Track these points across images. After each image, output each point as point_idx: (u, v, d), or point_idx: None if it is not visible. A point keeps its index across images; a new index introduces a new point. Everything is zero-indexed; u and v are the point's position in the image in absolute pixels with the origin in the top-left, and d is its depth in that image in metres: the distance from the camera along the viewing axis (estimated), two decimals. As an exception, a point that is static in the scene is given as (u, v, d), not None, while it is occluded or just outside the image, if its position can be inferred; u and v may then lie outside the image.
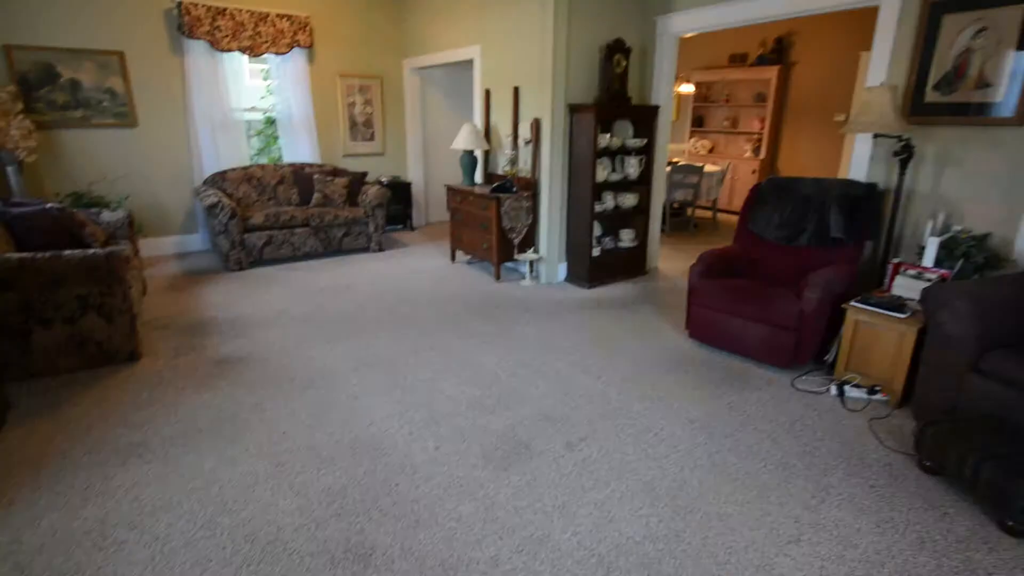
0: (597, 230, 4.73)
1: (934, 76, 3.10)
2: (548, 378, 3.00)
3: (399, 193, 6.48)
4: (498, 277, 4.76)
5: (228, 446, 2.36)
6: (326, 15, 5.88)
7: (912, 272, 2.90)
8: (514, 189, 4.55)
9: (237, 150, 5.62)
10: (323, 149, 6.17)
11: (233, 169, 5.42)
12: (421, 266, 5.20)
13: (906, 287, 2.88)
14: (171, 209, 5.49)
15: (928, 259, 2.90)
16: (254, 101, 6.18)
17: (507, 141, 4.91)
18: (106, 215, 4.01)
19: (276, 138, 6.18)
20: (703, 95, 8.46)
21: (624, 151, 4.63)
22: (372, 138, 6.50)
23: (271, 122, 6.24)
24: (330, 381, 2.95)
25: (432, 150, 6.89)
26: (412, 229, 6.77)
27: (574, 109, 4.34)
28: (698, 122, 8.64)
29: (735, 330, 3.19)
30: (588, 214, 4.39)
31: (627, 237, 4.83)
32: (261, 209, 5.24)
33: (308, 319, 3.83)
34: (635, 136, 4.65)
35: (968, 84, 2.98)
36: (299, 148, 5.96)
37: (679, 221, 7.22)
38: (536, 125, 4.47)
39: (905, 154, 3.05)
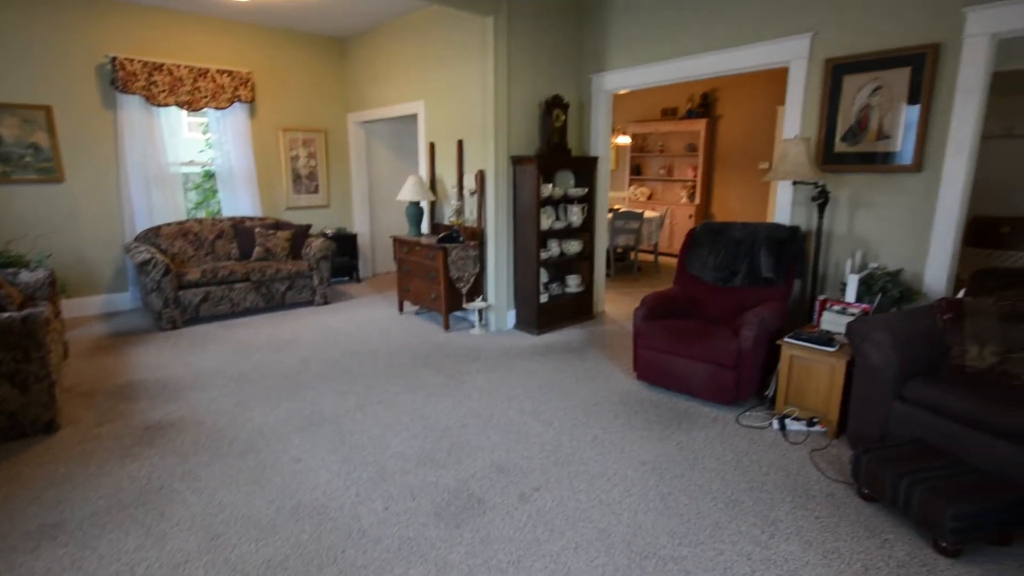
0: (544, 277, 4.82)
1: (841, 129, 3.41)
2: (500, 427, 2.97)
3: (345, 245, 6.42)
4: (447, 327, 4.73)
5: (156, 521, 2.18)
6: (269, 70, 5.91)
7: (837, 308, 3.09)
8: (461, 239, 4.60)
9: (173, 204, 5.45)
10: (265, 202, 6.08)
11: (168, 224, 5.23)
12: (368, 318, 5.11)
13: (833, 322, 3.05)
14: (99, 267, 5.21)
15: (850, 295, 3.10)
16: (192, 155, 6.07)
17: (453, 192, 4.99)
18: (24, 275, 3.76)
19: (215, 192, 6.04)
20: (639, 145, 8.93)
21: (567, 200, 4.78)
22: (316, 191, 6.46)
23: (210, 176, 6.12)
24: (271, 443, 2.80)
25: (378, 201, 6.91)
26: (359, 281, 6.67)
27: (517, 161, 4.48)
28: (636, 170, 9.07)
29: (680, 370, 3.27)
30: (534, 261, 4.47)
31: (573, 282, 4.93)
32: (198, 265, 5.05)
33: (247, 378, 3.66)
34: (577, 185, 4.83)
35: (870, 136, 3.29)
36: (239, 202, 5.84)
37: (623, 265, 7.45)
38: (481, 176, 4.58)
39: (822, 199, 3.30)
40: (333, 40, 6.31)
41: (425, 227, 5.38)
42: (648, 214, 7.23)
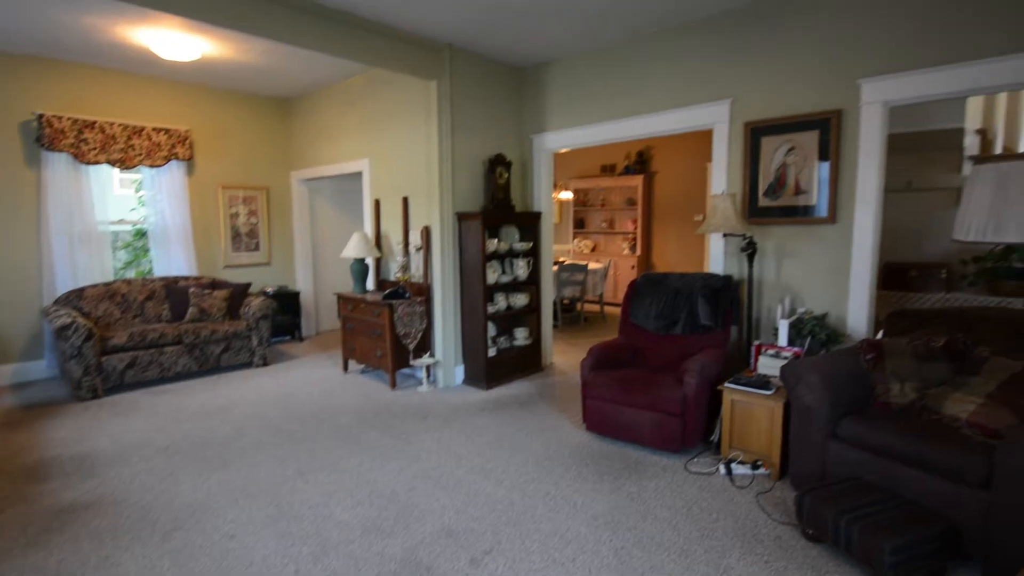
0: (492, 330, 4.82)
1: (762, 185, 3.67)
2: (449, 489, 2.87)
3: (286, 303, 6.23)
4: (394, 385, 4.61)
5: (62, 619, 1.94)
6: (209, 128, 5.84)
7: (771, 352, 3.23)
8: (407, 295, 4.56)
9: (100, 265, 5.16)
10: (201, 261, 5.86)
11: (93, 285, 4.94)
12: (311, 378, 4.91)
13: (768, 365, 3.18)
14: (11, 333, 4.81)
15: (782, 339, 3.26)
16: (123, 213, 5.83)
17: (398, 248, 4.99)
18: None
19: (147, 251, 5.79)
20: (581, 200, 9.28)
21: (512, 254, 4.87)
22: (257, 248, 6.31)
23: (141, 234, 5.87)
24: (200, 520, 2.59)
25: (322, 258, 6.80)
26: (301, 340, 6.45)
27: (462, 217, 4.55)
28: (580, 224, 9.38)
29: (628, 419, 3.29)
30: (481, 315, 4.48)
31: (521, 335, 4.95)
32: (125, 328, 4.76)
33: (177, 449, 3.41)
34: (521, 240, 4.93)
35: (789, 191, 3.56)
36: (173, 261, 5.61)
37: (570, 316, 7.57)
38: (426, 232, 4.61)
39: (750, 249, 3.51)
40: (277, 100, 6.35)
41: (371, 284, 5.31)
42: (592, 266, 7.44)
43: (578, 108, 4.66)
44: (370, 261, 5.23)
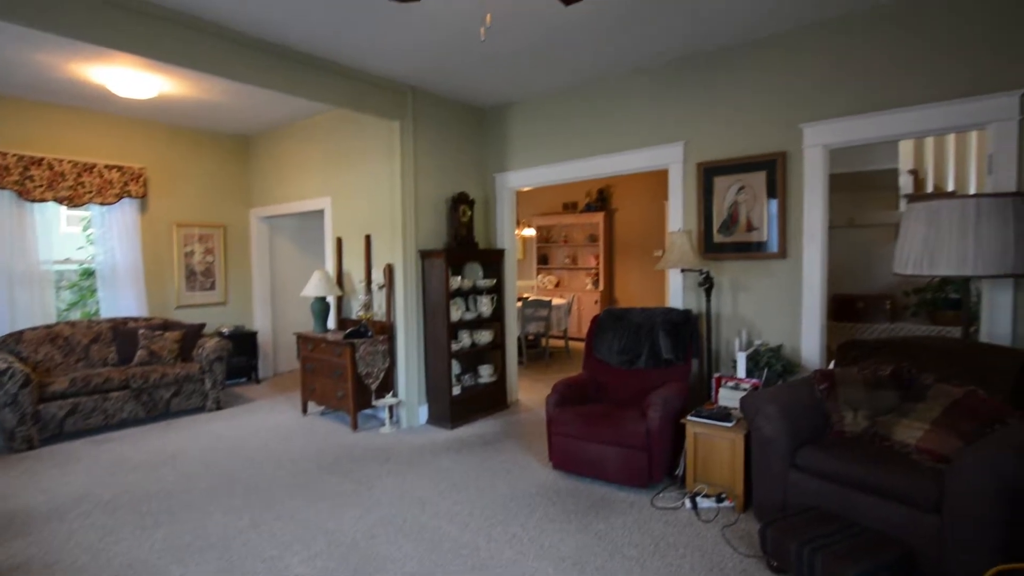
0: (456, 368, 4.76)
1: (716, 222, 3.82)
2: (412, 535, 2.77)
3: (243, 344, 6.02)
4: (355, 427, 4.47)
5: None
6: (165, 165, 5.72)
7: (731, 384, 3.29)
8: (369, 333, 4.49)
9: (41, 306, 4.90)
10: (152, 301, 5.64)
11: (34, 328, 4.67)
12: (267, 422, 4.72)
13: (728, 397, 3.24)
14: (-62, 382, 4.47)
15: (740, 371, 3.34)
16: (70, 252, 5.59)
17: (360, 286, 4.93)
18: None
19: (94, 291, 5.54)
20: (544, 236, 9.42)
21: (476, 291, 4.87)
22: (212, 287, 6.12)
23: (89, 274, 5.63)
24: (143, 579, 2.41)
25: (281, 297, 6.64)
26: (258, 382, 6.22)
27: (425, 255, 4.55)
28: (543, 260, 9.49)
29: (594, 455, 3.28)
30: (445, 353, 4.43)
31: (486, 372, 4.91)
32: (67, 373, 4.50)
33: (119, 503, 3.20)
34: (485, 277, 4.95)
35: (741, 228, 3.71)
36: (122, 301, 5.38)
37: (535, 352, 7.57)
38: (389, 270, 4.58)
39: (707, 284, 3.61)
40: (237, 137, 6.29)
41: (332, 323, 5.21)
42: (556, 301, 7.51)
43: (539, 148, 4.78)
44: (331, 300, 5.14)
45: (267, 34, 3.46)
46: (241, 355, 5.99)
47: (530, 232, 9.28)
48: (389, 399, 4.45)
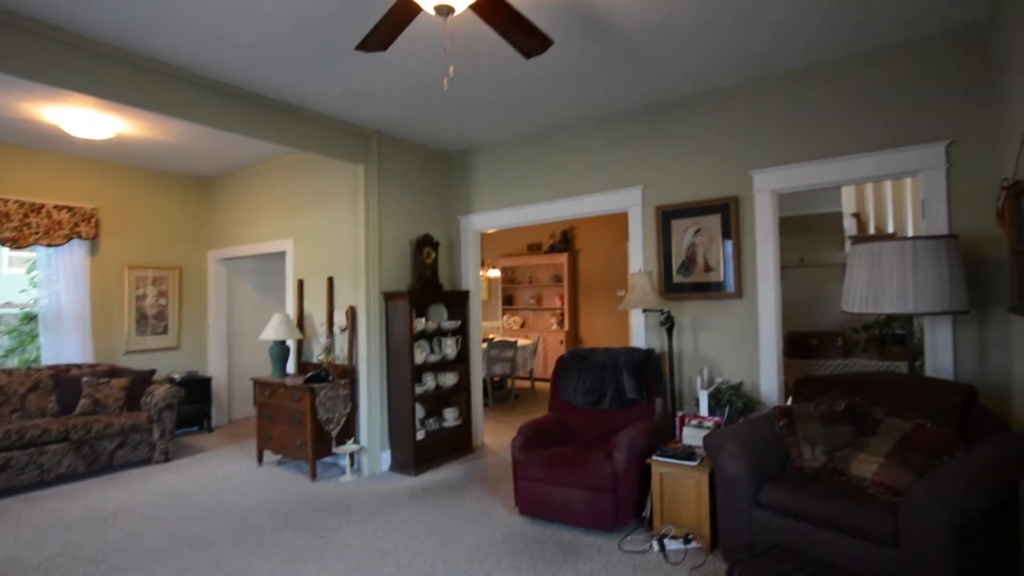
0: (420, 412, 4.66)
1: (675, 263, 3.93)
2: (373, 589, 2.64)
3: (196, 390, 5.76)
4: (314, 476, 4.29)
5: None
6: (119, 205, 5.56)
7: (694, 422, 3.33)
8: (330, 377, 4.37)
9: (-25, 355, 4.61)
10: (99, 347, 5.37)
11: (-36, 378, 4.38)
12: (219, 473, 4.49)
13: (692, 436, 3.27)
14: None
15: (703, 409, 3.38)
16: (10, 295, 5.31)
17: (322, 329, 4.83)
18: None
19: (35, 337, 5.25)
20: (509, 277, 9.49)
21: (441, 333, 4.83)
22: (165, 331, 5.88)
23: (30, 318, 5.35)
24: (73, 653, 2.21)
25: (238, 341, 6.43)
26: (210, 430, 5.94)
27: (389, 296, 4.51)
28: (508, 301, 9.53)
29: (560, 499, 3.23)
30: (409, 397, 4.35)
31: (451, 416, 4.82)
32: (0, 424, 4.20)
33: (52, 566, 2.95)
34: (450, 318, 4.93)
35: (699, 269, 3.83)
36: (66, 347, 5.11)
37: (501, 393, 7.49)
38: (352, 313, 4.51)
39: (668, 323, 3.68)
40: (196, 178, 6.20)
41: (291, 367, 5.06)
42: (522, 342, 7.50)
43: (504, 191, 4.87)
44: (291, 343, 5.01)
45: (231, 79, 3.47)
46: (193, 402, 5.73)
47: (495, 273, 9.34)
48: (350, 446, 4.31)
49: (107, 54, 3.01)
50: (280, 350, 4.78)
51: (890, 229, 5.45)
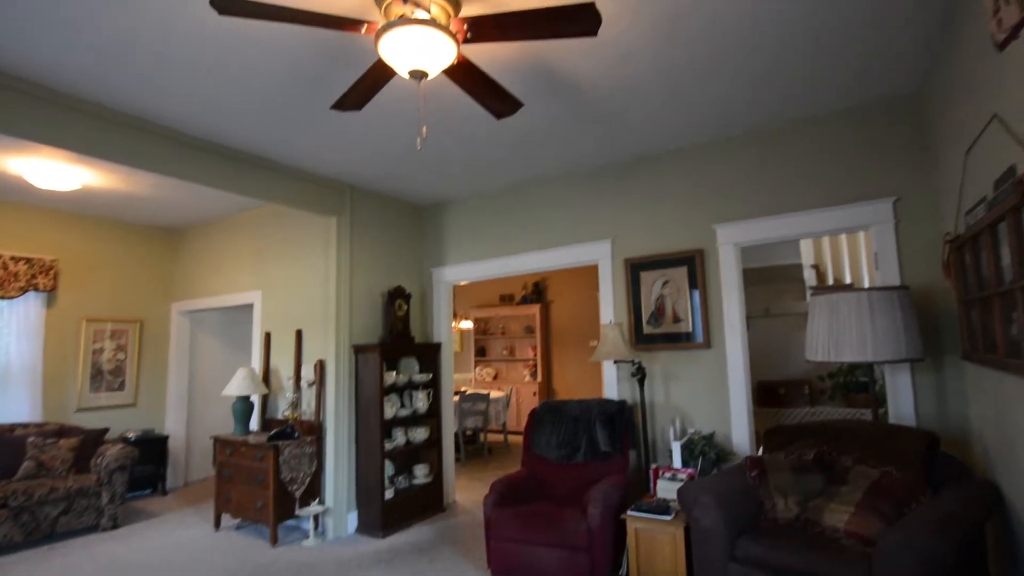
0: (389, 469, 4.51)
1: (645, 314, 3.99)
2: (335, 665, 2.46)
3: (151, 450, 5.47)
4: (275, 540, 4.06)
5: None
6: (81, 256, 5.41)
7: (668, 475, 3.30)
8: (296, 434, 4.22)
9: (-91, 415, 4.32)
10: (49, 404, 5.10)
11: None
12: (172, 540, 4.21)
13: (666, 489, 3.23)
14: None
15: (676, 461, 3.36)
16: (-45, 353, 5.04)
17: (289, 384, 4.70)
18: None
19: (-21, 396, 4.96)
20: (482, 329, 9.46)
21: (412, 386, 4.74)
22: (122, 387, 5.63)
23: (-25, 377, 5.06)
24: None
25: (199, 397, 6.18)
26: (165, 493, 5.60)
27: (359, 349, 4.44)
28: (481, 352, 9.46)
29: (535, 560, 3.12)
30: (378, 453, 4.21)
31: (421, 473, 4.67)
32: (-70, 493, 3.89)
33: (-24, 651, 2.68)
34: (421, 371, 4.85)
35: (668, 320, 3.90)
36: (12, 406, 4.83)
37: (473, 448, 7.32)
38: (320, 366, 4.41)
39: (640, 374, 3.70)
40: (164, 229, 6.11)
41: (255, 424, 4.87)
42: (494, 394, 7.41)
43: (476, 243, 4.93)
44: (256, 399, 4.84)
45: (206, 134, 3.50)
46: (148, 463, 5.42)
47: (467, 325, 9.31)
48: (314, 507, 4.11)
49: (78, 107, 3.01)
50: (244, 406, 4.61)
51: (847, 280, 5.68)
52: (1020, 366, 1.86)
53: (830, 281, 5.70)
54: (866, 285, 5.27)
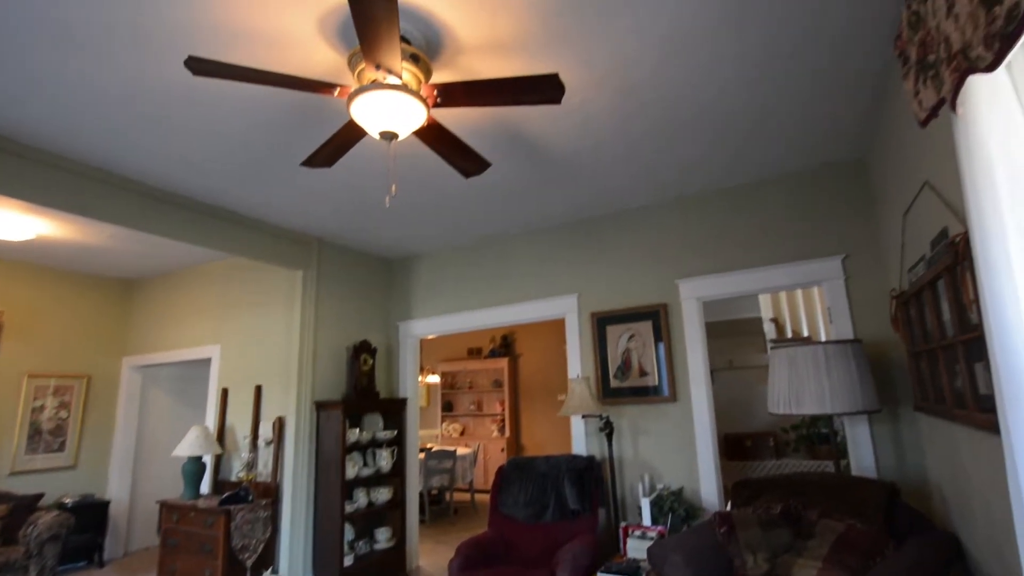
0: (349, 533, 4.29)
1: (612, 367, 4.02)
2: None
3: (89, 517, 5.07)
4: (223, 615, 3.77)
5: None
6: (27, 308, 5.16)
7: (638, 533, 3.24)
8: (250, 497, 4.00)
9: None
10: (-22, 469, 4.72)
11: None
12: (107, 619, 3.85)
13: (636, 548, 3.16)
14: None
15: (646, 518, 3.31)
16: None
17: (245, 443, 4.49)
18: None
19: (-101, 460, 4.56)
20: (449, 383, 9.30)
21: (375, 443, 4.59)
22: (61, 448, 5.26)
23: None
24: None
25: (147, 458, 5.82)
26: (102, 565, 5.16)
27: (321, 406, 4.30)
28: (448, 407, 9.26)
29: (503, 628, 2.97)
30: (338, 516, 4.01)
31: (383, 536, 4.46)
32: None
33: None
34: (386, 428, 4.72)
35: (634, 373, 3.93)
36: (-64, 471, 4.45)
37: (439, 508, 7.05)
38: (280, 423, 4.24)
39: (608, 429, 3.69)
40: (119, 281, 5.91)
41: (206, 486, 4.59)
42: (461, 451, 7.22)
43: (444, 297, 4.93)
44: (208, 459, 4.60)
45: (169, 186, 3.47)
46: (85, 531, 5.01)
47: (434, 379, 9.15)
48: (268, 577, 3.86)
49: (38, 157, 2.96)
50: (195, 467, 4.36)
51: (805, 332, 5.88)
52: (967, 417, 1.94)
53: (788, 334, 5.88)
54: (823, 338, 5.46)
